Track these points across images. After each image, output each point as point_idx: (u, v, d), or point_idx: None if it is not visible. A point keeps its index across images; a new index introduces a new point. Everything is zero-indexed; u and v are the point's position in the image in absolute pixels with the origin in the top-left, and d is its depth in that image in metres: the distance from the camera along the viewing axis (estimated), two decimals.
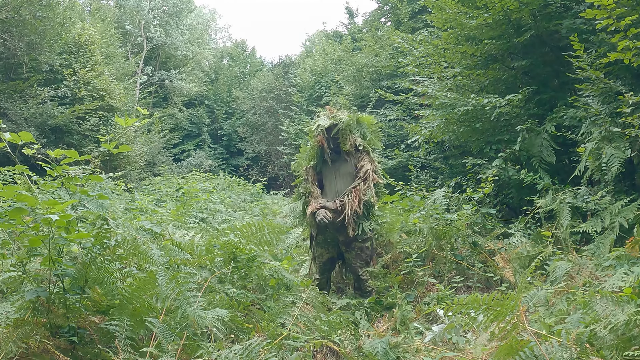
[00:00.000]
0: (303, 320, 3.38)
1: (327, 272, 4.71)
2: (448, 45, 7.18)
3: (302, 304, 3.59)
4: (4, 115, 13.94)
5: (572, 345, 2.35)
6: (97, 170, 5.33)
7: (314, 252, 4.71)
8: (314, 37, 34.75)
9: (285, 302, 3.70)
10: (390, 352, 3.13)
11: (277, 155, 25.74)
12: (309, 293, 3.74)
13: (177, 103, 28.34)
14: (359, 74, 15.47)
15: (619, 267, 3.63)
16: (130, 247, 3.03)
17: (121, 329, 2.68)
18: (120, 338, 2.63)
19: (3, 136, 3.03)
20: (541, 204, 5.32)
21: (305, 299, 3.65)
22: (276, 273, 4.01)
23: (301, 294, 3.73)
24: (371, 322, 4.04)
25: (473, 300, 2.60)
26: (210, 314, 2.83)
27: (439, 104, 7.01)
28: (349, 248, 4.54)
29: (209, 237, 4.73)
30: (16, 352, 2.40)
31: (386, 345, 3.15)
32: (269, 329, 3.14)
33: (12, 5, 13.54)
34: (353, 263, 4.55)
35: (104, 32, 20.83)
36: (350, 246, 4.52)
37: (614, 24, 4.52)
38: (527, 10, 6.06)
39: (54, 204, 2.64)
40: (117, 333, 2.66)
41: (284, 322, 3.41)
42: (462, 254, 5.10)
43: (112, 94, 17.16)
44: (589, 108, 5.09)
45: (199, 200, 9.49)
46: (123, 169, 16.13)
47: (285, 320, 3.41)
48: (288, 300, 3.69)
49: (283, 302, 3.71)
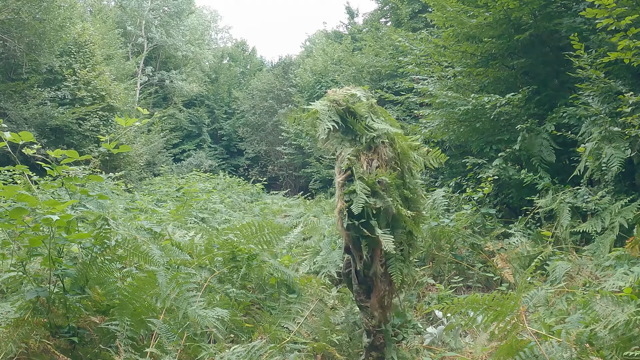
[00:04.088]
0: (307, 329, 3.35)
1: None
2: (448, 44, 7.18)
3: (308, 313, 3.55)
4: (4, 115, 13.94)
5: (572, 345, 2.35)
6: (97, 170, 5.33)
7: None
8: (314, 37, 34.77)
9: (290, 308, 3.67)
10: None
11: (277, 155, 25.74)
12: (317, 304, 3.70)
13: (177, 103, 28.35)
14: (359, 74, 15.48)
15: (619, 267, 3.62)
16: (130, 248, 3.03)
17: (122, 328, 2.68)
18: (122, 338, 2.63)
19: (3, 136, 3.03)
20: (541, 204, 5.32)
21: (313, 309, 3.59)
22: (276, 271, 4.01)
23: (308, 303, 3.69)
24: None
25: (472, 301, 2.60)
26: (211, 314, 2.83)
27: (439, 103, 7.01)
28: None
29: (209, 236, 4.73)
30: (16, 352, 2.40)
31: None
32: (271, 331, 3.14)
33: (12, 6, 13.55)
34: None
35: (105, 33, 20.84)
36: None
37: (614, 24, 4.52)
38: (527, 9, 6.06)
39: (54, 204, 2.64)
40: (117, 333, 2.66)
41: (288, 327, 3.39)
42: (462, 254, 5.10)
43: (112, 94, 17.16)
44: (589, 108, 5.09)
45: (199, 200, 9.48)
46: (123, 169, 16.13)
47: (289, 325, 3.38)
48: (294, 307, 3.66)
49: (288, 308, 3.67)
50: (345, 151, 3.11)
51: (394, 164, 3.17)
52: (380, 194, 3.00)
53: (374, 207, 2.97)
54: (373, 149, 3.15)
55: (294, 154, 23.47)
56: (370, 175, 3.02)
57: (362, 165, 3.08)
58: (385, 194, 3.01)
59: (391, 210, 3.00)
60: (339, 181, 3.07)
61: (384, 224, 3.03)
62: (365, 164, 3.10)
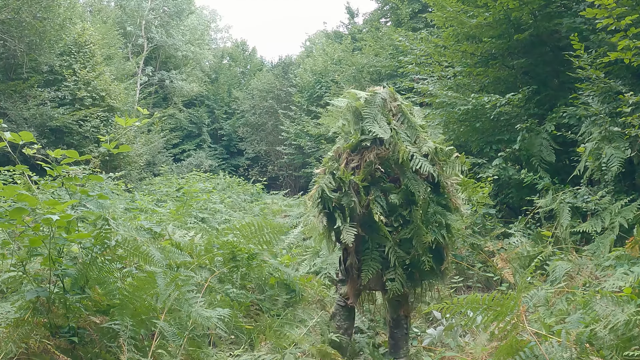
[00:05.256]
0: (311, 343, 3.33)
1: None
2: (448, 44, 7.19)
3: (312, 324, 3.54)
4: (4, 115, 13.94)
5: (572, 345, 2.35)
6: (97, 170, 5.34)
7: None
8: (314, 37, 34.75)
9: (294, 315, 3.66)
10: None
11: (277, 155, 25.75)
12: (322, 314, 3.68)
13: (177, 103, 28.34)
14: (359, 74, 15.48)
15: (619, 267, 3.62)
16: (130, 248, 3.03)
17: (125, 328, 2.68)
18: (125, 337, 2.63)
19: (4, 136, 3.03)
20: (541, 204, 5.32)
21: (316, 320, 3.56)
22: (276, 271, 4.01)
23: (312, 313, 3.68)
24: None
25: (472, 301, 2.60)
26: (214, 314, 2.83)
27: (439, 103, 7.02)
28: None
29: (209, 236, 4.72)
30: (16, 352, 2.40)
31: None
32: (274, 339, 3.14)
33: (12, 6, 13.54)
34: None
35: (105, 33, 20.83)
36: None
37: (614, 24, 4.52)
38: (527, 9, 6.07)
39: (55, 204, 2.64)
40: (121, 332, 2.66)
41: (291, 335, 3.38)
42: (462, 254, 5.10)
43: (112, 95, 17.15)
44: (589, 108, 5.09)
45: (199, 200, 9.48)
46: (123, 169, 16.12)
47: (293, 334, 3.37)
48: (298, 315, 3.65)
49: (292, 315, 3.66)
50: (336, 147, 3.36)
51: (387, 168, 3.23)
52: (348, 192, 3.12)
53: (337, 201, 3.11)
54: (358, 151, 3.25)
55: (294, 154, 23.48)
56: (346, 174, 3.14)
57: (341, 164, 3.23)
58: (352, 193, 3.12)
59: (357, 210, 3.11)
60: (316, 172, 3.33)
61: (356, 220, 3.15)
62: (344, 163, 3.23)
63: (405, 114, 3.38)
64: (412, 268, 3.20)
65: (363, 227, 3.17)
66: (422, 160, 3.16)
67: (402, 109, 3.39)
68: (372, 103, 3.30)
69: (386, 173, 3.25)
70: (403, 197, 3.17)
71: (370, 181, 3.19)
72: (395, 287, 3.08)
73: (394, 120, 3.32)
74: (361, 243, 3.21)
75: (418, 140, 3.29)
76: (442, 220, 3.21)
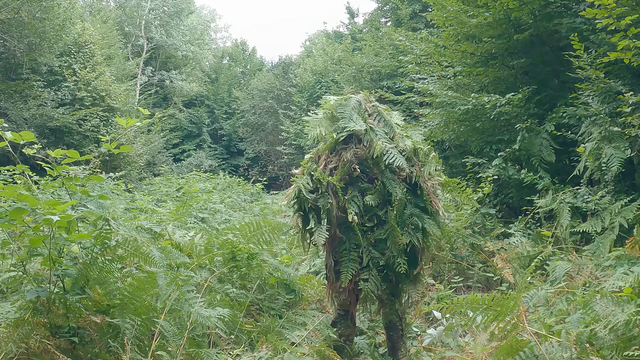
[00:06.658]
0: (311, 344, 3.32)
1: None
2: (448, 43, 7.19)
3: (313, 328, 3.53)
4: (4, 115, 13.93)
5: (572, 345, 2.35)
6: (97, 171, 5.33)
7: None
8: (314, 37, 34.77)
9: (294, 318, 3.65)
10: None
11: (277, 155, 25.76)
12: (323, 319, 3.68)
13: (177, 103, 28.33)
14: (359, 74, 15.47)
15: (619, 267, 3.62)
16: (131, 248, 3.03)
17: (130, 327, 2.69)
18: (130, 336, 2.64)
19: (4, 135, 3.03)
20: (541, 204, 5.32)
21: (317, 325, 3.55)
22: (276, 271, 4.01)
23: (313, 317, 3.66)
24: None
25: (472, 301, 2.60)
26: (214, 313, 2.84)
27: (439, 103, 7.02)
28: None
29: (209, 236, 4.73)
30: (16, 352, 2.40)
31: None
32: (274, 341, 3.13)
33: (12, 5, 13.54)
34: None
35: (105, 33, 20.82)
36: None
37: (614, 24, 4.52)
38: (527, 9, 6.07)
39: (55, 204, 2.64)
40: (126, 331, 2.66)
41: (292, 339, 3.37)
42: (462, 254, 5.10)
43: (112, 95, 17.15)
44: (589, 108, 5.09)
45: (199, 200, 9.49)
46: (123, 169, 16.12)
47: (293, 337, 3.36)
48: (299, 319, 3.64)
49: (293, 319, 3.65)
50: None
51: (365, 168, 3.21)
52: (325, 194, 3.11)
53: (313, 202, 3.11)
54: (336, 152, 3.24)
55: (294, 154, 23.47)
56: (323, 175, 3.12)
57: (320, 165, 3.22)
58: (329, 195, 3.11)
59: (333, 211, 3.10)
60: (294, 172, 3.31)
61: (334, 221, 3.14)
62: (323, 164, 3.22)
63: (382, 113, 3.38)
64: (387, 270, 3.16)
65: (340, 227, 3.15)
66: (396, 155, 3.12)
67: (378, 109, 3.40)
68: (346, 105, 3.30)
69: (365, 173, 3.22)
70: (379, 197, 3.15)
71: (348, 181, 3.18)
72: (368, 287, 3.04)
73: (370, 119, 3.32)
74: (339, 244, 3.19)
75: (395, 138, 3.27)
76: (419, 223, 3.14)
